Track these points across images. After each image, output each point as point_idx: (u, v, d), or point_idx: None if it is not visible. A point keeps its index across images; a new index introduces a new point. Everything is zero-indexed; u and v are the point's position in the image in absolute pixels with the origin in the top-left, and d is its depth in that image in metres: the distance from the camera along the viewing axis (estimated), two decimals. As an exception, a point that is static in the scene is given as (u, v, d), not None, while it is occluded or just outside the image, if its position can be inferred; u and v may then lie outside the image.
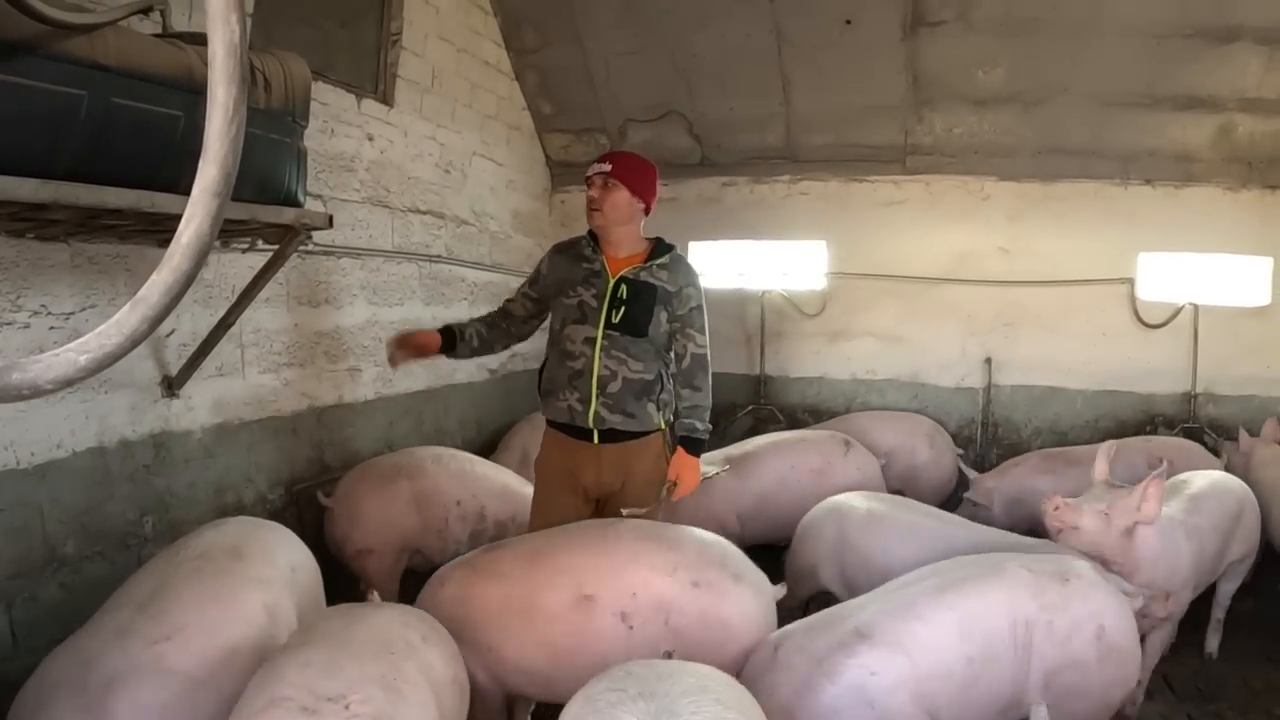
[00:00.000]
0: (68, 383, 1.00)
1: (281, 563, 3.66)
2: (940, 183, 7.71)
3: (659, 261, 4.44)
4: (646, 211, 4.54)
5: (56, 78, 2.76)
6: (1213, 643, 5.44)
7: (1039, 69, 6.86)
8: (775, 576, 4.08)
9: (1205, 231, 7.17)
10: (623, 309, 4.31)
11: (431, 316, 6.52)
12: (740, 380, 8.25)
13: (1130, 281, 7.38)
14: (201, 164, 0.98)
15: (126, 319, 0.99)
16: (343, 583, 4.66)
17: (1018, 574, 3.67)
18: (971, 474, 6.61)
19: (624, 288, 4.34)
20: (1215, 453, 6.60)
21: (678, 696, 2.33)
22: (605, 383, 4.30)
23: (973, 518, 6.04)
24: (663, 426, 4.50)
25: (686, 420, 4.48)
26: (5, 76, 2.61)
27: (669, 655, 2.92)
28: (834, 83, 7.34)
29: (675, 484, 4.43)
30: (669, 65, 7.56)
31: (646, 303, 4.35)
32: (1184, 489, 5.09)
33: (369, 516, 5.00)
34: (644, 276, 4.38)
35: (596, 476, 4.39)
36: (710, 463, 6.23)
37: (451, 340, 4.42)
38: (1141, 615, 4.01)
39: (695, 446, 4.48)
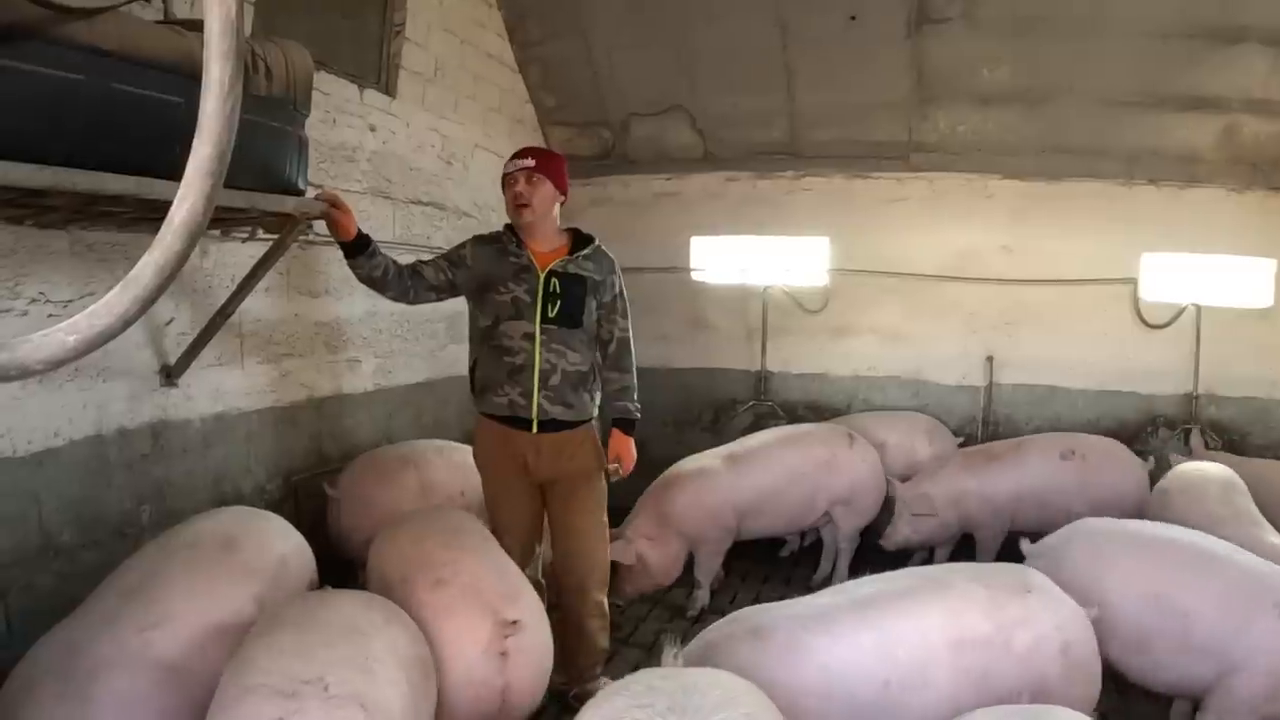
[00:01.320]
0: (57, 363, 0.98)
1: (273, 554, 3.69)
2: (944, 180, 7.68)
3: (584, 253, 4.53)
4: (563, 202, 4.62)
5: (55, 62, 2.73)
6: None
7: (1044, 68, 6.84)
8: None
9: (1209, 232, 7.14)
10: (558, 303, 4.40)
11: (432, 308, 6.48)
12: (741, 376, 8.24)
13: (1133, 282, 7.35)
14: (195, 143, 0.96)
15: (118, 300, 0.97)
16: (338, 574, 4.64)
17: (968, 590, 3.51)
18: (897, 485, 6.48)
19: (555, 281, 4.41)
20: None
21: (710, 712, 2.25)
22: (547, 376, 4.39)
23: (915, 529, 6.34)
24: (594, 415, 4.60)
25: (619, 403, 4.65)
26: (3, 60, 2.59)
27: (676, 658, 2.87)
28: (838, 79, 7.32)
29: (619, 465, 4.61)
30: (673, 59, 7.55)
31: (579, 294, 4.45)
32: None
33: (379, 507, 4.98)
34: (573, 269, 4.47)
35: (535, 462, 4.46)
36: (712, 458, 6.27)
37: (362, 246, 4.24)
38: None
39: (630, 427, 4.64)
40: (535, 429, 4.41)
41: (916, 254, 7.75)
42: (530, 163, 4.44)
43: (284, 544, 3.83)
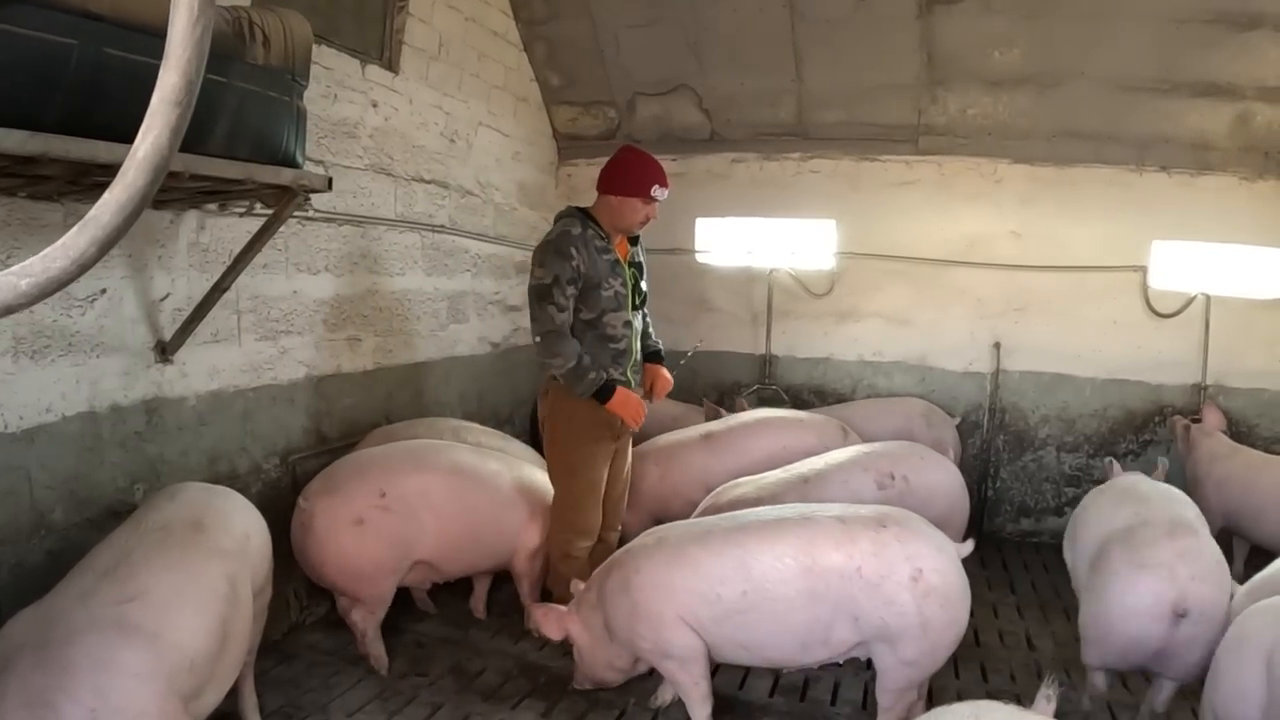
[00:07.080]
0: (7, 309, 0.90)
1: (238, 532, 3.67)
2: (952, 164, 7.61)
3: (639, 241, 5.14)
4: None
5: (46, 25, 2.68)
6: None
7: (1056, 51, 6.76)
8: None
9: (1220, 221, 7.06)
10: (642, 292, 5.05)
11: (434, 287, 6.43)
12: (745, 359, 8.20)
13: (1143, 269, 7.28)
14: (162, 71, 0.88)
15: (74, 241, 0.89)
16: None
17: (825, 524, 3.98)
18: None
19: (633, 272, 4.97)
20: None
21: None
22: (636, 354, 5.00)
23: None
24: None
25: (649, 340, 5.26)
26: (-8, 23, 2.52)
27: (1049, 700, 2.80)
28: (847, 59, 7.24)
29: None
30: (680, 39, 7.47)
31: (641, 275, 5.08)
32: None
33: None
34: (636, 256, 5.07)
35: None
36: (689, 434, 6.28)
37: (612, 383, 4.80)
38: None
39: (660, 358, 5.30)
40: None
41: (924, 238, 7.69)
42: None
43: (246, 521, 3.79)
